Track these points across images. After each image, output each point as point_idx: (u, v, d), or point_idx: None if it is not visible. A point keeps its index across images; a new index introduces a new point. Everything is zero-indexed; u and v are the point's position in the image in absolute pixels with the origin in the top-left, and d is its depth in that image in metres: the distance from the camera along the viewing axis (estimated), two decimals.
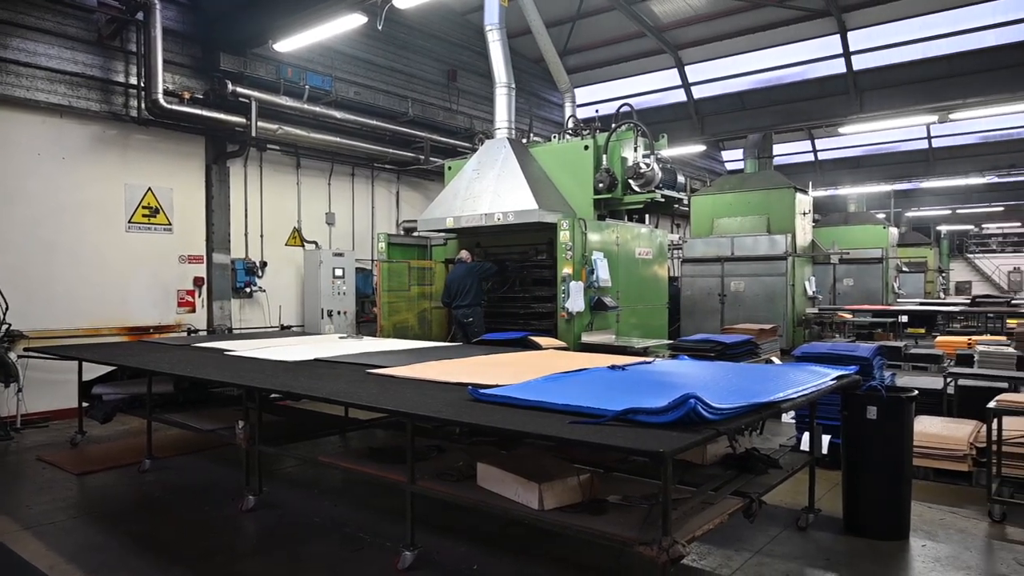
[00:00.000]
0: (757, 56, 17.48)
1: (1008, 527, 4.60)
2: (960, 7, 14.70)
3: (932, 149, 22.66)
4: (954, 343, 12.86)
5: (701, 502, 3.52)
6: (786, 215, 14.75)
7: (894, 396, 4.44)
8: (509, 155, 8.84)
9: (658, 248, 9.69)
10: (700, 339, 7.11)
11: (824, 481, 5.01)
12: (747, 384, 3.89)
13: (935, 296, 26.27)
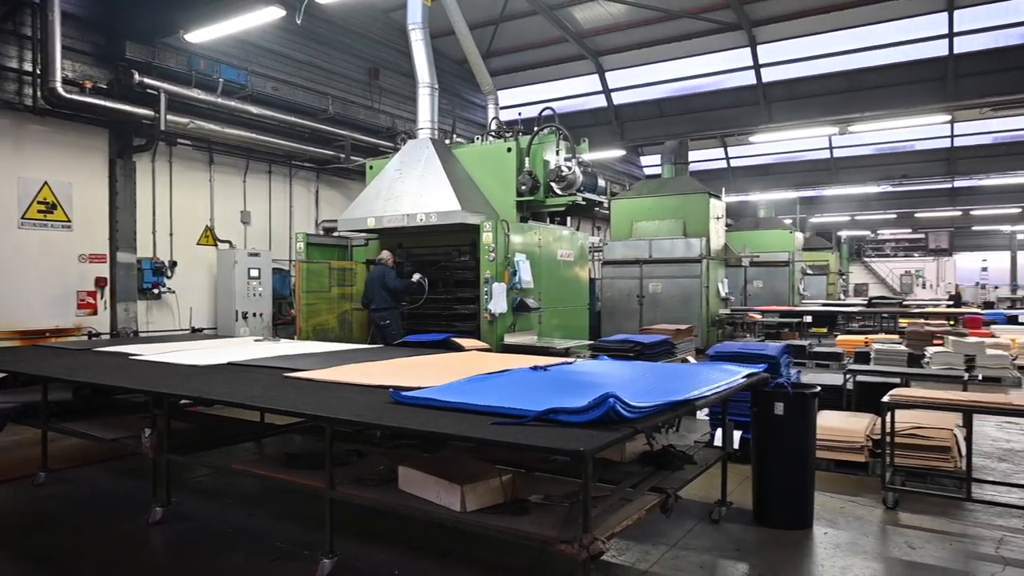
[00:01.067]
0: (674, 65, 18.07)
1: (900, 513, 4.92)
2: (861, 26, 15.66)
3: (834, 159, 24.03)
4: (853, 342, 13.68)
5: (620, 499, 3.60)
6: (701, 219, 15.29)
7: (799, 392, 4.66)
8: (432, 155, 8.79)
9: (579, 250, 9.85)
10: (620, 339, 7.26)
11: (736, 475, 5.22)
12: (664, 383, 4.01)
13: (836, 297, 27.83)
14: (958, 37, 14.96)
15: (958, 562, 4.12)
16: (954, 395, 5.35)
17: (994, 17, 14.75)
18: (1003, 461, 6.27)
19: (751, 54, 16.65)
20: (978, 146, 22.40)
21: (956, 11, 14.56)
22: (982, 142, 22.30)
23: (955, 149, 22.41)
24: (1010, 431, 7.37)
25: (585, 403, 3.06)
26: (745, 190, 25.09)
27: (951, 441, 5.43)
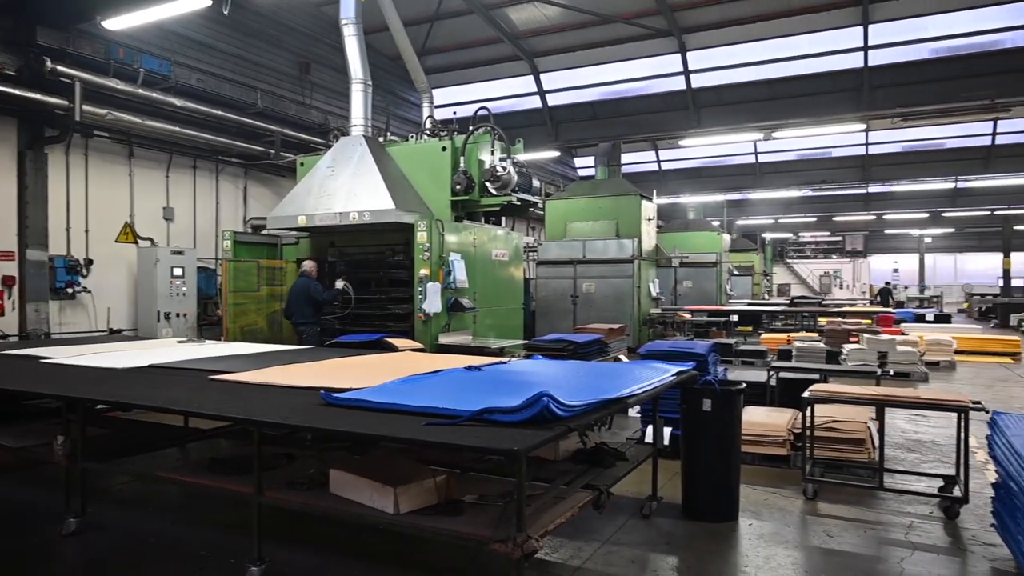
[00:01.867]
0: (608, 69, 18.38)
1: (819, 503, 5.15)
2: (783, 37, 16.30)
3: (759, 164, 24.93)
4: (776, 340, 14.22)
5: (554, 497, 3.63)
6: (633, 221, 15.59)
7: (726, 389, 4.81)
8: (365, 153, 8.66)
9: (514, 250, 9.89)
10: (553, 339, 7.33)
11: (666, 470, 5.35)
12: (597, 382, 4.06)
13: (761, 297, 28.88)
14: (872, 51, 15.76)
15: (871, 548, 4.33)
16: (868, 390, 5.63)
17: (904, 33, 15.60)
18: (912, 451, 6.64)
19: (681, 60, 17.10)
20: (890, 154, 23.66)
21: (870, 25, 15.33)
22: (894, 150, 23.56)
23: (869, 156, 23.60)
24: (918, 423, 7.81)
25: (519, 403, 3.07)
26: (676, 192, 25.74)
27: (865, 433, 5.72)
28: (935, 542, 4.43)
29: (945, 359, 13.12)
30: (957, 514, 4.80)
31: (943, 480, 5.27)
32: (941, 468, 5.87)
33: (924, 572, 3.95)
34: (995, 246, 36.21)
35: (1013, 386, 11.07)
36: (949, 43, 15.67)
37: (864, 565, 4.07)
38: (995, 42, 15.37)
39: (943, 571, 3.99)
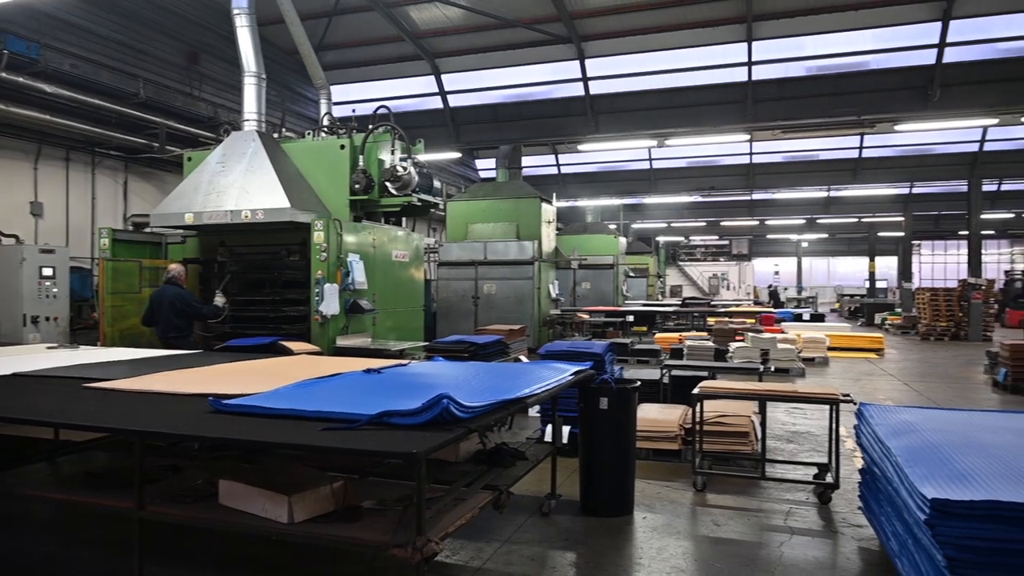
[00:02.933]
0: (509, 72, 18.55)
1: (708, 494, 5.40)
2: (676, 49, 17.01)
3: (653, 170, 25.88)
4: (669, 339, 14.81)
5: (454, 499, 3.62)
6: (533, 223, 15.80)
7: (622, 388, 4.97)
8: (259, 149, 8.32)
9: (415, 251, 9.79)
10: (454, 340, 7.32)
11: (565, 468, 5.46)
12: (497, 382, 4.09)
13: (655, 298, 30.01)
14: (755, 66, 16.73)
15: (754, 535, 4.59)
16: (752, 386, 5.98)
17: (784, 51, 16.67)
18: (791, 443, 7.09)
19: (580, 67, 17.51)
20: (772, 163, 25.19)
21: (754, 42, 16.27)
22: (775, 160, 25.10)
23: (754, 165, 25.03)
24: (796, 416, 8.35)
25: (419, 405, 3.05)
26: (574, 196, 26.31)
27: (750, 427, 6.06)
28: (810, 526, 4.75)
29: (820, 355, 14.11)
30: (829, 499, 5.18)
31: (817, 468, 5.65)
32: (816, 457, 6.30)
33: (800, 555, 4.23)
34: (862, 251, 39.39)
35: (878, 379, 12.05)
36: (822, 62, 16.88)
37: (748, 551, 4.31)
38: (862, 63, 16.69)
39: (817, 553, 4.28)
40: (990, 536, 2.55)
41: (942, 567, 2.62)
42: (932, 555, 2.73)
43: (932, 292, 21.23)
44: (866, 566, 4.08)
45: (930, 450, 3.39)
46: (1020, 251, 41.51)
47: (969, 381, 11.92)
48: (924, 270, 43.50)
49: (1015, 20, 14.92)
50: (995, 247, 41.16)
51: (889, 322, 23.73)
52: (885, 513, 3.76)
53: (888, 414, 4.35)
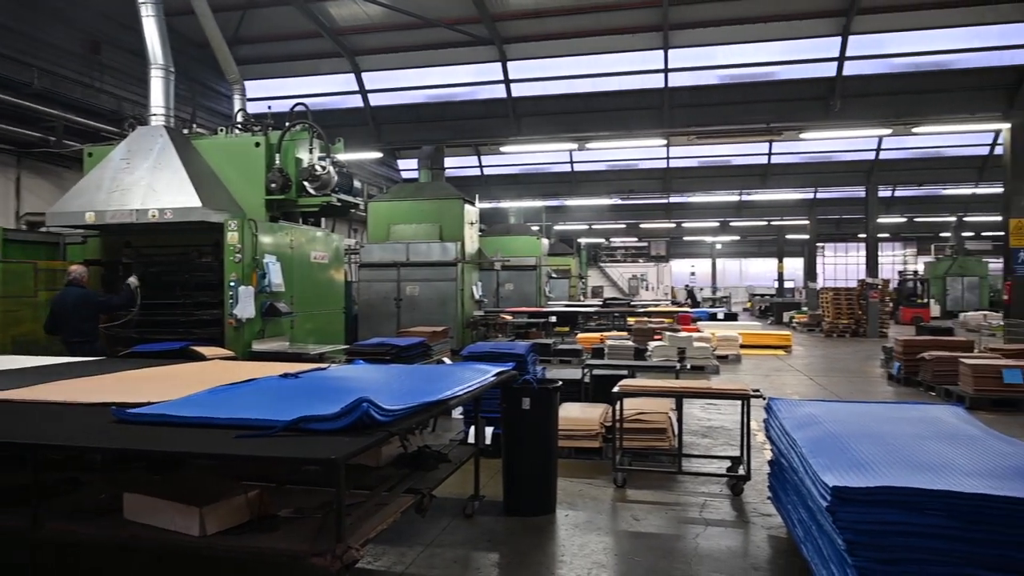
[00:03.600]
0: (432, 72, 18.45)
1: (628, 490, 5.53)
2: (596, 54, 17.34)
3: (575, 172, 26.31)
4: (591, 339, 15.09)
5: (375, 503, 3.56)
6: (456, 224, 15.75)
7: (544, 388, 5.02)
8: (167, 145, 7.94)
9: (334, 252, 9.59)
10: (376, 343, 7.22)
11: (488, 469, 5.47)
12: (419, 384, 4.05)
13: (576, 299, 30.49)
14: (672, 73, 17.27)
15: (672, 527, 4.74)
16: (669, 383, 6.16)
17: (699, 59, 17.28)
18: (706, 437, 7.35)
19: (502, 69, 17.61)
20: (687, 168, 26.07)
21: (671, 50, 16.80)
22: (691, 164, 25.99)
23: (670, 170, 25.83)
24: (711, 411, 8.66)
25: (338, 409, 2.98)
26: (497, 197, 26.42)
27: (667, 423, 6.24)
28: (724, 517, 4.94)
29: (733, 353, 14.69)
30: (741, 490, 5.40)
31: (730, 461, 5.89)
32: (729, 450, 6.55)
33: (714, 545, 4.39)
34: (772, 252, 41.27)
35: (786, 375, 12.66)
36: (734, 71, 17.60)
37: (665, 544, 4.44)
38: (771, 73, 17.51)
39: (730, 542, 4.45)
40: (885, 520, 2.72)
41: (842, 551, 2.77)
42: (833, 540, 2.89)
43: (834, 292, 22.46)
44: (775, 553, 4.28)
45: (832, 441, 3.59)
46: (912, 253, 44.58)
47: (867, 375, 12.67)
48: (828, 271, 46.05)
49: (907, 37, 16.00)
50: (890, 249, 44.04)
51: (796, 320, 24.96)
52: (792, 502, 3.94)
53: (794, 408, 4.57)
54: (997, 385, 8.80)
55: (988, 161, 22.50)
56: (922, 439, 3.58)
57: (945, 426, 3.90)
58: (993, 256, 34.59)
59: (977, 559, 2.62)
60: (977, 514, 2.65)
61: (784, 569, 4.04)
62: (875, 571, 2.67)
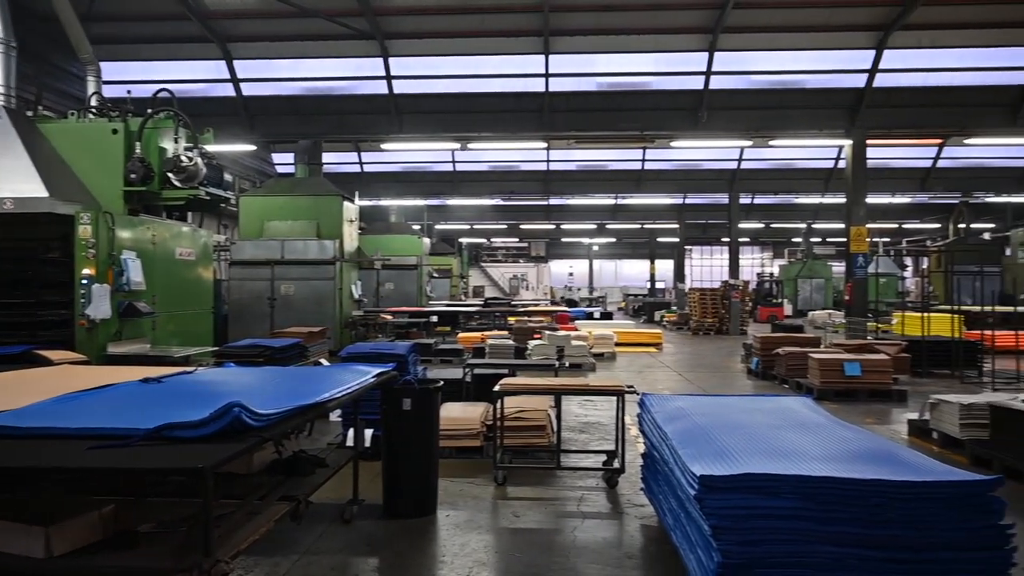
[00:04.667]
0: (310, 64, 17.81)
1: (508, 488, 5.60)
2: (479, 55, 17.42)
3: (456, 172, 26.32)
4: (472, 338, 15.16)
5: (247, 513, 3.39)
6: (335, 222, 15.36)
7: (425, 388, 4.99)
8: (8, 129, 7.20)
9: (202, 249, 9.06)
10: (248, 344, 6.90)
11: (368, 472, 5.36)
12: (294, 387, 3.91)
13: (458, 298, 30.55)
14: (552, 78, 17.67)
15: (551, 522, 4.84)
16: (548, 381, 6.30)
17: (578, 66, 17.79)
18: (583, 433, 7.58)
19: (384, 65, 17.31)
20: (567, 171, 26.78)
21: (551, 55, 17.18)
22: (569, 168, 26.71)
23: (550, 172, 26.43)
24: (588, 408, 8.94)
25: (206, 415, 2.82)
26: (378, 195, 25.95)
27: (546, 420, 6.38)
28: (600, 509, 5.11)
29: (608, 351, 15.24)
30: (616, 483, 5.61)
31: (606, 455, 6.10)
32: (605, 445, 6.79)
33: (591, 537, 4.54)
34: (645, 254, 43.26)
35: (657, 371, 13.30)
36: (611, 80, 18.27)
37: (545, 538, 4.53)
38: (645, 83, 18.32)
39: (606, 534, 4.62)
40: (745, 505, 2.91)
41: (708, 536, 2.95)
42: (700, 525, 3.06)
43: (701, 292, 23.85)
44: (647, 541, 4.48)
45: (699, 433, 3.81)
46: (768, 256, 48.24)
47: (730, 370, 13.56)
48: (695, 272, 48.87)
49: (766, 57, 17.26)
50: (750, 252, 47.41)
51: (666, 319, 26.29)
52: (663, 492, 4.15)
53: (665, 402, 4.81)
54: (840, 378, 9.68)
55: (833, 173, 24.72)
56: (777, 428, 3.88)
57: (797, 416, 4.24)
58: (837, 260, 38.11)
59: (823, 536, 2.87)
60: (824, 495, 2.90)
61: (655, 556, 4.24)
62: (737, 553, 2.86)
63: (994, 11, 15.53)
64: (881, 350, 11.02)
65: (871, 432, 3.93)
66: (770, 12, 15.71)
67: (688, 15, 16.06)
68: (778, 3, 15.43)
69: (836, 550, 2.85)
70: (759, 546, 2.86)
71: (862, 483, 2.89)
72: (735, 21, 15.94)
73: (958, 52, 16.87)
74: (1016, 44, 16.51)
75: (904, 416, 8.21)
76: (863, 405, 9.35)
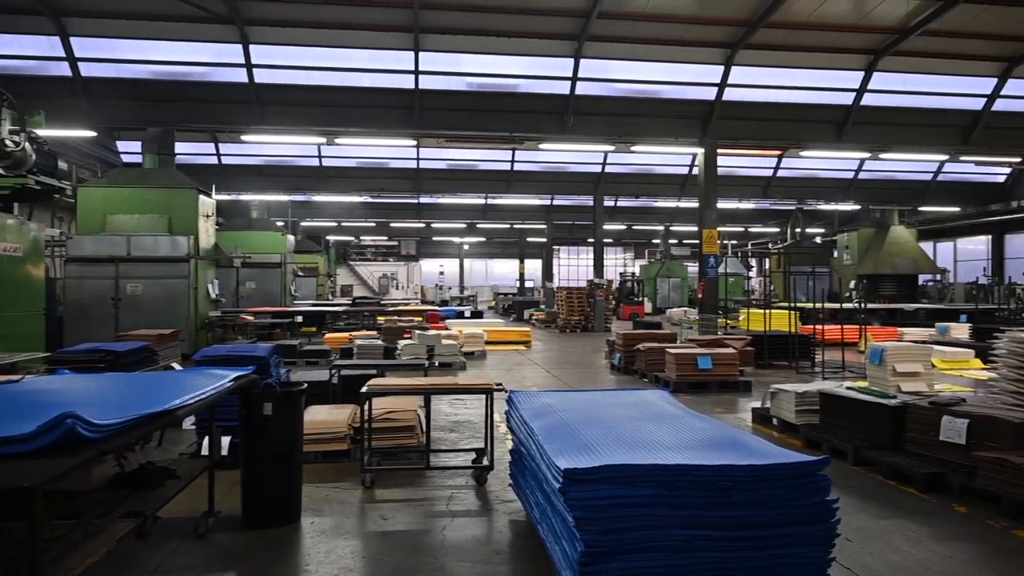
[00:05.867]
0: (161, 46, 16.56)
1: (376, 490, 5.50)
2: (345, 48, 16.94)
3: (323, 167, 25.48)
4: (339, 339, 14.76)
5: (84, 533, 3.11)
6: (189, 216, 14.43)
7: (288, 391, 4.78)
8: None
9: (31, 244, 8.18)
10: (87, 349, 6.31)
11: (226, 482, 5.07)
12: (140, 394, 3.62)
13: (325, 298, 29.64)
14: (423, 75, 17.54)
15: (420, 523, 4.81)
16: (418, 381, 6.24)
17: (448, 64, 17.76)
18: (453, 432, 7.59)
19: (244, 52, 16.43)
20: (438, 169, 26.69)
21: (421, 52, 17.05)
22: (440, 167, 26.64)
23: (420, 170, 26.22)
24: (458, 406, 8.97)
25: (33, 428, 2.55)
26: (238, 189, 24.61)
27: (415, 420, 6.33)
28: (469, 507, 5.14)
29: (479, 349, 15.37)
30: (485, 480, 5.67)
31: (475, 453, 6.14)
32: (475, 443, 6.83)
33: (460, 535, 4.55)
34: (514, 254, 44.00)
35: (526, 368, 13.57)
36: (482, 80, 18.39)
37: (413, 540, 4.49)
38: (515, 86, 18.62)
39: (475, 531, 4.65)
40: (606, 495, 3.04)
41: (572, 527, 3.04)
42: (565, 517, 3.15)
43: (568, 291, 24.60)
44: (515, 536, 4.56)
45: (564, 427, 3.92)
46: (630, 257, 50.64)
47: (595, 366, 14.09)
48: (563, 271, 50.39)
49: (629, 66, 18.08)
50: (613, 253, 49.55)
51: (535, 317, 26.90)
52: (530, 487, 4.23)
53: (532, 398, 4.91)
54: (693, 371, 10.34)
55: (688, 179, 26.35)
56: (637, 421, 4.07)
57: (654, 408, 4.48)
58: (691, 261, 40.67)
59: (677, 520, 3.05)
60: (677, 482, 3.08)
61: (522, 550, 4.32)
62: (599, 542, 2.97)
63: (827, 37, 17.19)
64: (729, 344, 11.88)
65: (720, 421, 4.22)
66: (632, 24, 16.47)
67: (556, 21, 16.50)
68: (639, 16, 16.20)
69: (688, 532, 3.03)
70: (619, 534, 2.99)
71: (711, 469, 3.09)
72: (599, 30, 16.57)
73: (795, 72, 18.54)
74: (843, 68, 18.38)
75: (749, 405, 8.90)
76: (714, 396, 10.04)
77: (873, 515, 4.94)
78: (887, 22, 16.60)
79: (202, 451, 5.19)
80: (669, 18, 16.33)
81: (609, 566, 2.96)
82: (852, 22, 16.54)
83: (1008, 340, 7.30)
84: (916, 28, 16.48)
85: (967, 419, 5.50)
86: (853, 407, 6.53)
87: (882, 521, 4.82)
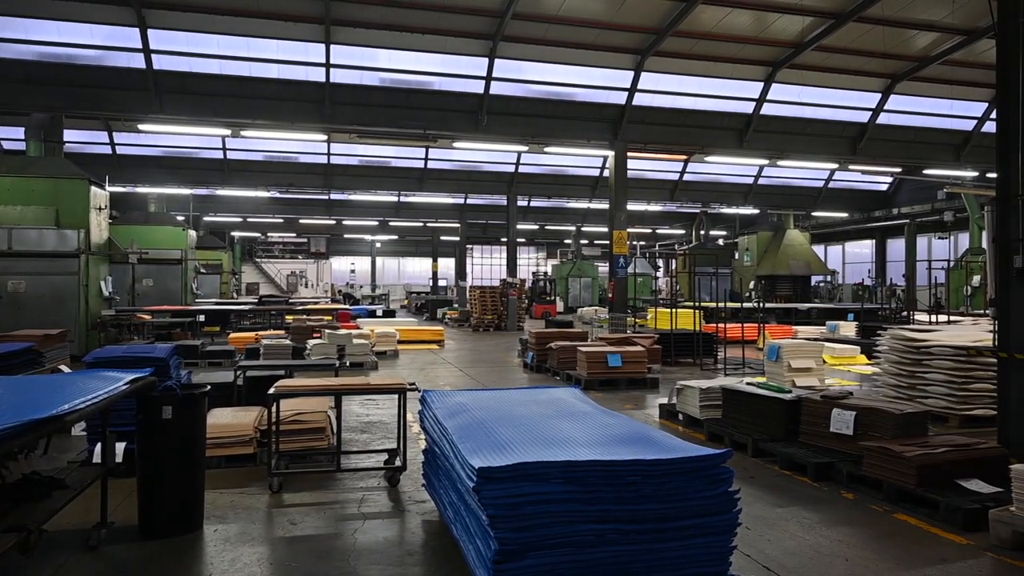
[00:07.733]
0: (45, 25, 15.42)
1: (284, 495, 5.33)
2: (252, 37, 16.31)
3: (228, 160, 24.44)
4: (245, 339, 14.22)
5: None
6: (79, 208, 13.55)
7: (189, 393, 4.56)
8: None
9: None
10: None
11: (121, 491, 4.79)
12: (22, 399, 3.37)
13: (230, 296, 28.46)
14: (334, 69, 17.12)
15: (330, 527, 4.70)
16: (328, 381, 6.10)
17: (361, 59, 17.42)
18: (364, 432, 7.46)
19: (141, 36, 15.53)
20: (349, 166, 26.12)
21: (332, 45, 16.64)
22: (352, 163, 26.09)
23: (331, 166, 25.59)
24: (370, 407, 8.82)
25: None
26: (134, 181, 23.28)
27: (326, 422, 6.18)
28: (381, 509, 5.06)
29: (391, 349, 15.17)
30: (398, 481, 5.60)
31: (388, 454, 6.06)
32: (387, 444, 6.74)
33: (372, 538, 4.48)
34: (427, 252, 43.69)
35: (439, 368, 13.51)
36: (395, 76, 18.15)
37: (324, 544, 4.39)
38: (429, 83, 18.47)
39: (387, 533, 4.59)
40: (519, 492, 3.06)
41: (485, 525, 3.06)
42: (479, 516, 3.16)
43: (481, 290, 24.66)
44: (428, 536, 4.53)
45: (477, 426, 3.93)
46: (543, 256, 51.29)
47: (508, 364, 14.19)
48: (476, 271, 50.39)
49: (543, 68, 18.29)
50: (526, 252, 50.02)
51: (449, 316, 26.81)
52: (443, 486, 4.22)
53: (446, 398, 4.90)
54: (604, 368, 10.59)
55: (599, 181, 26.95)
56: (549, 418, 4.13)
57: (566, 405, 4.56)
58: (602, 261, 41.62)
59: (588, 515, 3.11)
60: (588, 478, 3.15)
61: (436, 550, 4.30)
62: (512, 539, 3.00)
63: (730, 48, 17.98)
64: (638, 342, 12.24)
65: (629, 417, 4.34)
66: (546, 26, 16.67)
67: (471, 20, 16.48)
68: (553, 19, 16.42)
69: (600, 527, 3.10)
70: (532, 531, 3.03)
71: (620, 464, 3.18)
72: (514, 31, 16.69)
73: (701, 80, 19.30)
74: (745, 78, 19.29)
75: (657, 401, 9.20)
76: (624, 392, 10.32)
77: (770, 504, 5.22)
78: (785, 36, 17.54)
79: (94, 459, 4.88)
80: (582, 22, 16.64)
81: (522, 563, 2.99)
82: (753, 34, 17.38)
83: (889, 338, 7.88)
84: (811, 43, 17.51)
85: (854, 411, 5.89)
86: (753, 402, 6.86)
87: (778, 509, 5.10)
